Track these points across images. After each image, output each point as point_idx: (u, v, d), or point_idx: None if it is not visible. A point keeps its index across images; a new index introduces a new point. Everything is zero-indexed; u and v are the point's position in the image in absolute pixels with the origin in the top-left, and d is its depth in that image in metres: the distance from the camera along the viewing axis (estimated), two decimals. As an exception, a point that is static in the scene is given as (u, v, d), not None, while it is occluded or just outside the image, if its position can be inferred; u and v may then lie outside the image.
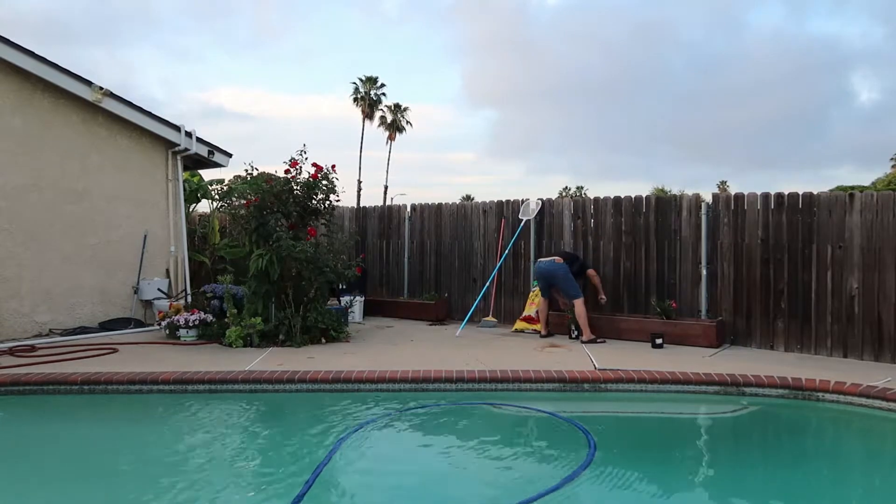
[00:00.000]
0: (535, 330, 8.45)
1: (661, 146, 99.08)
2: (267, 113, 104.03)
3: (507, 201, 9.60)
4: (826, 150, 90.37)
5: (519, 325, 8.75)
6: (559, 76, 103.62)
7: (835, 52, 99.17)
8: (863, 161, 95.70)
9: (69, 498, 3.59)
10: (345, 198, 8.33)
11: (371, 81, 58.68)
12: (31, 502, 3.56)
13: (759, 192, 7.50)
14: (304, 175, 7.90)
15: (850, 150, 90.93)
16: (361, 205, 14.05)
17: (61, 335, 7.75)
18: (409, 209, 10.71)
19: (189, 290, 9.41)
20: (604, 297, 8.22)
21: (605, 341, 7.66)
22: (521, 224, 9.26)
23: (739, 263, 7.56)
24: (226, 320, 7.52)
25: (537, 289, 8.73)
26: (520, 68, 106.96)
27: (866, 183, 43.06)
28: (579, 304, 7.78)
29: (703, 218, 7.82)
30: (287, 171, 7.85)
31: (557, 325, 8.31)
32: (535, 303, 8.73)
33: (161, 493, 3.55)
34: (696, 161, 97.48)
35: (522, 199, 9.42)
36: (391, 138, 59.87)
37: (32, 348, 6.85)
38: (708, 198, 7.95)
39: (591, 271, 8.26)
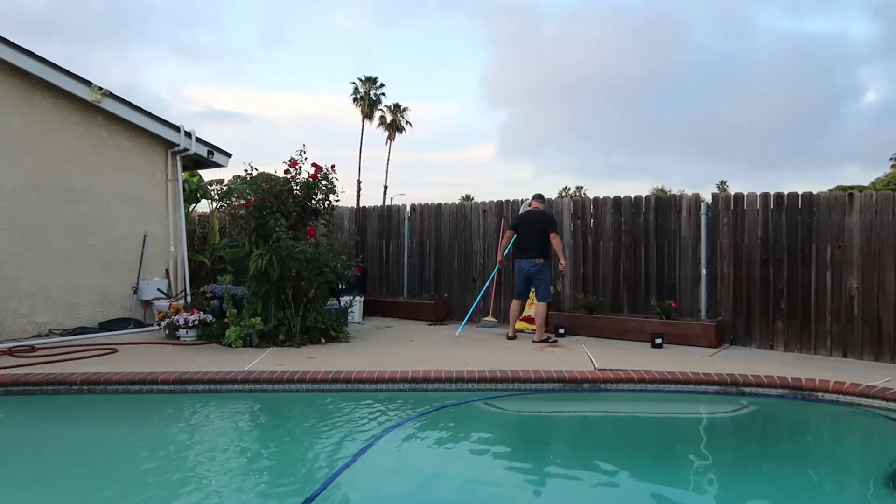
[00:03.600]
0: (533, 330, 8.44)
1: (666, 146, 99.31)
2: (266, 113, 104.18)
3: (507, 201, 9.60)
4: (835, 151, 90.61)
5: (519, 324, 8.74)
6: (562, 76, 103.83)
7: (842, 52, 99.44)
8: (869, 161, 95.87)
9: (68, 498, 3.59)
10: (344, 198, 8.35)
11: (370, 81, 58.70)
12: (31, 502, 3.55)
13: (758, 192, 7.50)
14: (304, 175, 7.90)
15: (858, 150, 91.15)
16: (361, 205, 14.05)
17: (61, 335, 7.75)
18: (408, 209, 10.71)
19: (189, 291, 9.41)
20: (563, 263, 7.87)
21: (556, 341, 7.73)
22: (521, 224, 9.25)
23: (739, 263, 7.57)
24: (225, 320, 7.51)
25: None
26: (522, 68, 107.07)
27: (866, 183, 43.10)
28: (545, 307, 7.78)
29: (703, 218, 7.83)
30: (287, 172, 7.85)
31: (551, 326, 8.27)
32: (535, 303, 8.72)
33: (160, 492, 3.54)
34: (702, 161, 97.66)
35: (522, 199, 9.41)
36: (391, 138, 59.91)
37: (32, 348, 6.84)
38: (707, 198, 7.96)
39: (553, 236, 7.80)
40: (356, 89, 58.54)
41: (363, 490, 3.64)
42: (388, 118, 59.55)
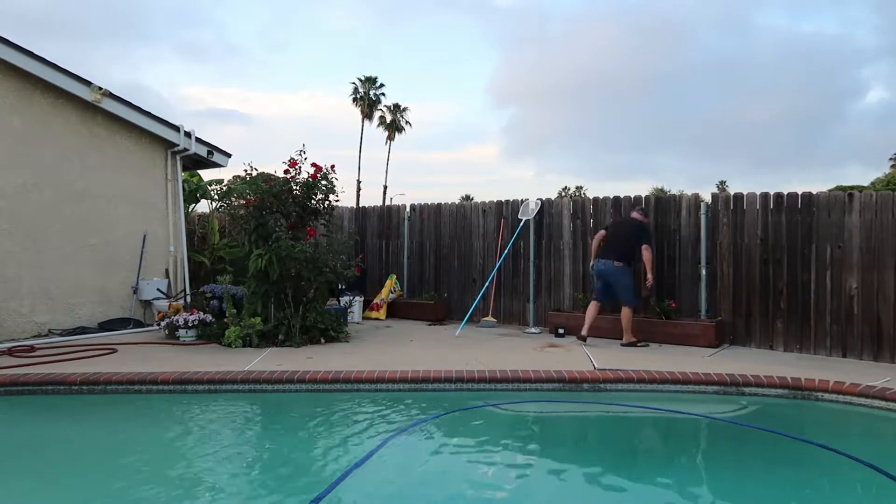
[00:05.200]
0: (376, 318, 9.56)
1: (668, 146, 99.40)
2: (265, 113, 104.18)
3: (507, 201, 9.60)
4: (838, 151, 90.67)
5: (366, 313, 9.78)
6: (564, 76, 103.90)
7: (845, 52, 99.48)
8: (872, 161, 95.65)
9: (68, 498, 3.59)
10: (344, 198, 8.35)
11: (370, 81, 58.72)
12: (30, 502, 3.55)
13: (758, 192, 7.50)
14: (304, 175, 7.90)
15: (860, 150, 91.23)
16: (361, 205, 14.05)
17: (60, 335, 7.75)
18: (408, 209, 10.71)
19: (188, 291, 9.41)
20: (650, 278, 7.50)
21: (647, 345, 7.40)
22: (521, 224, 9.26)
23: (739, 263, 7.57)
24: (225, 320, 7.51)
25: (393, 278, 10.12)
26: (524, 69, 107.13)
27: (866, 183, 43.10)
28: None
29: (703, 218, 7.83)
30: (286, 172, 7.84)
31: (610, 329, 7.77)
32: (381, 292, 9.97)
33: (159, 493, 3.54)
34: (705, 161, 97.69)
35: (522, 199, 9.42)
36: (390, 138, 59.95)
37: (31, 348, 6.84)
38: (707, 198, 7.96)
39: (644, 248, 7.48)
40: (356, 89, 58.58)
41: (368, 493, 3.63)
42: (388, 118, 59.58)
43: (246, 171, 8.01)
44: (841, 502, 3.70)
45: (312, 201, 7.99)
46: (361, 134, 61.47)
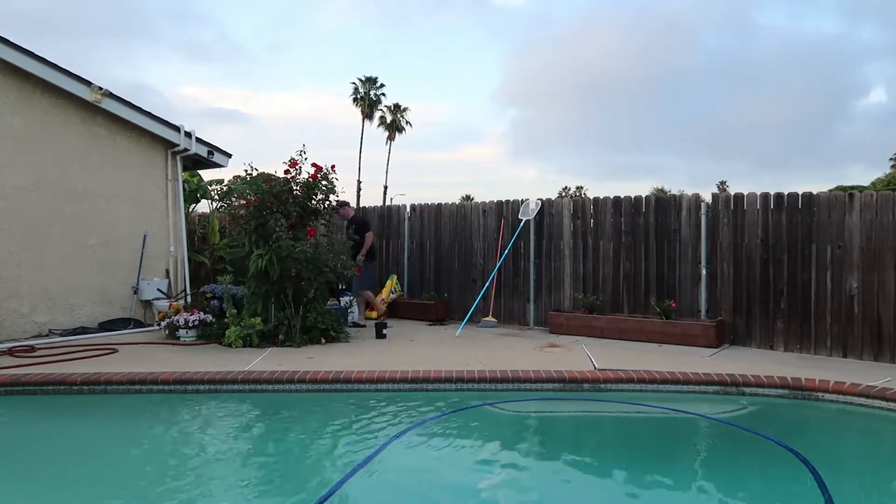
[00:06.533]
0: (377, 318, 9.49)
1: (671, 146, 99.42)
2: (266, 113, 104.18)
3: (507, 201, 9.60)
4: (841, 151, 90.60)
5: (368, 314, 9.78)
6: (567, 77, 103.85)
7: (848, 52, 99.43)
8: (874, 161, 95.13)
9: (67, 499, 3.59)
10: (344, 198, 8.33)
11: (370, 82, 58.72)
12: (32, 502, 3.55)
13: (758, 192, 7.50)
14: (304, 175, 7.89)
15: (863, 149, 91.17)
16: (361, 205, 14.04)
17: (61, 335, 7.75)
18: (408, 209, 10.71)
19: (189, 291, 9.41)
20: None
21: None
22: (521, 224, 9.26)
23: (739, 263, 7.57)
24: (225, 320, 7.51)
25: (394, 278, 10.22)
26: (526, 69, 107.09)
27: (866, 183, 43.12)
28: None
29: (703, 218, 7.83)
30: (287, 172, 7.84)
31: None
32: (382, 292, 10.04)
33: (159, 493, 3.54)
34: (707, 161, 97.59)
35: (522, 200, 9.42)
36: (391, 138, 59.96)
37: (32, 349, 6.85)
38: (708, 198, 7.96)
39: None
40: (356, 89, 58.59)
41: (371, 494, 3.64)
42: (388, 118, 59.58)
43: (246, 171, 8.01)
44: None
45: (313, 201, 7.99)
46: (361, 134, 61.58)
